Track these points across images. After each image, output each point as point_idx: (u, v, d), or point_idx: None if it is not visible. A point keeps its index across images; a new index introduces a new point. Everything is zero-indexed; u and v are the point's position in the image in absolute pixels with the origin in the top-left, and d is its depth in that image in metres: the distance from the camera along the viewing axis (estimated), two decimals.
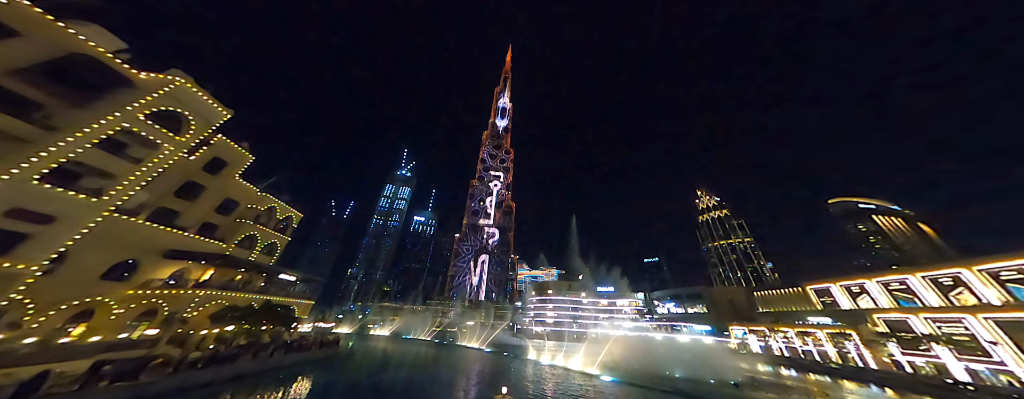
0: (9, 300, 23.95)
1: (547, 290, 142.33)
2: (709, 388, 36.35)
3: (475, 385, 36.50)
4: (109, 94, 27.13)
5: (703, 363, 45.20)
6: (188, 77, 31.34)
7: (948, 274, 50.20)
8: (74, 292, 29.72)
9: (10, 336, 25.73)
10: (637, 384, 37.22)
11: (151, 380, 24.44)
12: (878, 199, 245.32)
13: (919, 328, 50.48)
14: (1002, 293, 44.10)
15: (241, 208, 46.00)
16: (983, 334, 43.34)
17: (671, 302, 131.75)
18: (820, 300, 72.39)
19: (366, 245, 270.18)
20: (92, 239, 27.68)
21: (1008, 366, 40.58)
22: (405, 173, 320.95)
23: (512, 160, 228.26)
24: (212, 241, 41.07)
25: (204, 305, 36.13)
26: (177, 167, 36.26)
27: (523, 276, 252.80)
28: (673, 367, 43.61)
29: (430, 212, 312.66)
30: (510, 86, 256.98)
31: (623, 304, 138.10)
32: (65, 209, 24.85)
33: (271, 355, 36.58)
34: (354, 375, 38.82)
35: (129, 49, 28.28)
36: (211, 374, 28.93)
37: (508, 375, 43.08)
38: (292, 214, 55.23)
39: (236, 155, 43.34)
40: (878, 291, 59.68)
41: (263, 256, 49.40)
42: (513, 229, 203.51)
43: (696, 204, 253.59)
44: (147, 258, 35.08)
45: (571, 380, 39.80)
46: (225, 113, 35.06)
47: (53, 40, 24.10)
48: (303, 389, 30.85)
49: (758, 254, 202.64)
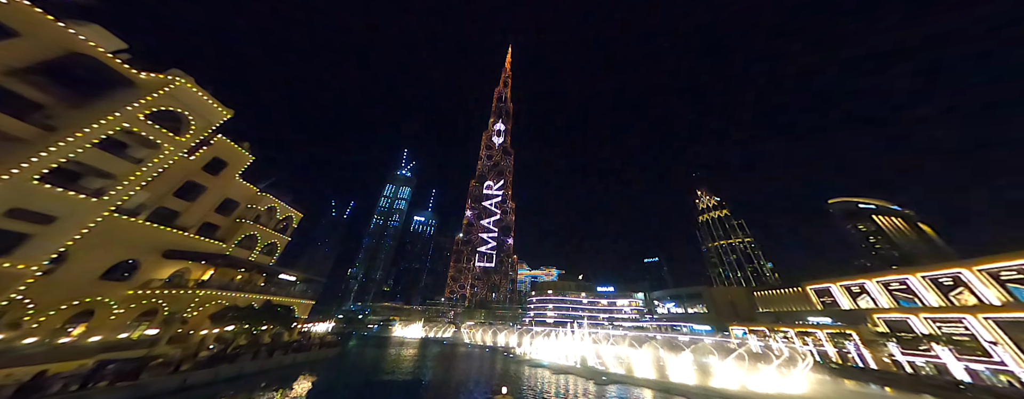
0: (9, 300, 23.93)
1: (547, 290, 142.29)
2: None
3: (475, 385, 36.49)
4: (109, 94, 27.11)
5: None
6: (188, 77, 31.31)
7: (948, 274, 50.16)
8: (74, 292, 29.67)
9: (10, 336, 25.70)
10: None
11: (151, 380, 24.47)
12: (878, 199, 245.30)
13: (919, 328, 50.45)
14: (1002, 293, 44.06)
15: (241, 208, 46.00)
16: (983, 334, 43.33)
17: (671, 302, 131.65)
18: (820, 300, 72.35)
19: (366, 245, 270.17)
20: (92, 239, 27.66)
21: (1008, 366, 40.55)
22: (405, 173, 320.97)
23: (512, 160, 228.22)
24: (212, 241, 41.06)
25: (204, 305, 36.11)
26: (177, 167, 36.26)
27: (523, 276, 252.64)
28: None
29: (430, 212, 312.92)
30: (510, 86, 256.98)
31: (623, 304, 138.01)
32: (65, 209, 24.83)
33: (271, 355, 36.60)
34: (354, 375, 38.84)
35: (129, 49, 28.28)
36: (211, 374, 28.97)
37: (508, 375, 43.09)
38: (292, 214, 55.22)
39: (236, 155, 43.34)
40: (878, 291, 59.65)
41: (263, 256, 49.39)
42: (513, 229, 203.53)
43: (696, 204, 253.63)
44: (147, 258, 35.05)
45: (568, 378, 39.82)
46: (225, 113, 35.04)
47: (53, 40, 24.08)
48: (303, 389, 30.85)
49: (758, 254, 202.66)
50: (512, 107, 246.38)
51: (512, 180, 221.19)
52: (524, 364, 52.89)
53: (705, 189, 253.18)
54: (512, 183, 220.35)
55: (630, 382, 39.33)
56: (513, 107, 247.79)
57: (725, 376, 37.41)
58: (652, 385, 38.11)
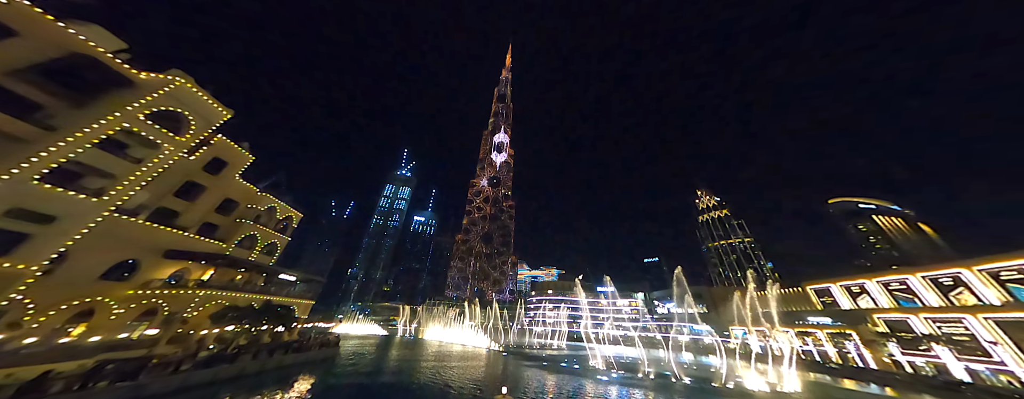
0: (9, 300, 23.91)
1: (547, 290, 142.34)
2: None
3: (475, 384, 36.45)
4: (109, 94, 27.11)
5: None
6: (188, 77, 31.32)
7: (948, 274, 50.19)
8: (74, 292, 29.68)
9: (10, 336, 25.71)
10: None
11: (151, 380, 24.46)
12: (878, 199, 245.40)
13: (919, 328, 50.49)
14: (1002, 293, 44.08)
15: (241, 208, 46.01)
16: (983, 334, 43.36)
17: (671, 302, 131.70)
18: (820, 300, 72.37)
19: (366, 245, 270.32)
20: (92, 239, 27.64)
21: (1008, 366, 40.59)
22: (405, 173, 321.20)
23: (512, 159, 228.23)
24: (212, 241, 41.07)
25: (204, 305, 36.11)
26: (177, 167, 36.28)
27: (523, 276, 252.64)
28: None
29: (430, 212, 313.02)
30: (511, 85, 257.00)
31: (623, 304, 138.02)
32: (65, 209, 24.83)
33: (271, 355, 36.59)
34: (355, 375, 38.84)
35: (129, 49, 28.29)
36: (211, 374, 28.94)
37: (508, 375, 43.09)
38: (292, 214, 55.22)
39: (236, 155, 43.35)
40: (878, 291, 59.67)
41: (263, 256, 49.38)
42: (513, 229, 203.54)
43: (696, 204, 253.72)
44: (147, 258, 35.07)
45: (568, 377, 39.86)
46: (225, 113, 35.05)
47: (53, 40, 24.07)
48: (303, 389, 30.83)
49: (758, 254, 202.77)
50: (512, 106, 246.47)
51: (512, 180, 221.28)
52: (524, 364, 52.87)
53: (705, 189, 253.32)
54: (512, 183, 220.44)
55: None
56: (514, 107, 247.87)
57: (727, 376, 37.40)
58: (652, 384, 38.13)
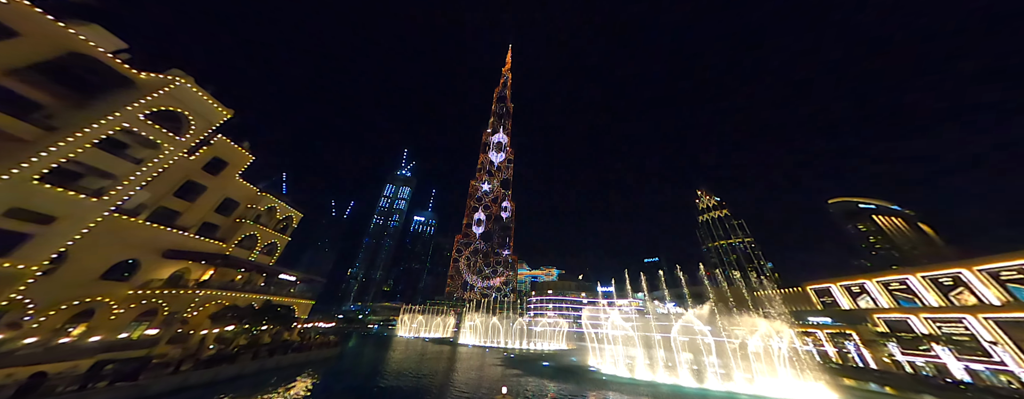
0: (9, 300, 23.93)
1: (547, 290, 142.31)
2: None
3: (475, 384, 36.46)
4: (109, 94, 27.13)
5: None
6: (188, 77, 31.33)
7: (948, 274, 50.12)
8: (74, 292, 29.68)
9: (10, 336, 25.71)
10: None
11: (151, 380, 24.46)
12: (878, 199, 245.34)
13: (919, 328, 50.44)
14: (1002, 293, 44.04)
15: (241, 208, 46.00)
16: (983, 334, 43.33)
17: (671, 302, 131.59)
18: (820, 300, 72.30)
19: (366, 245, 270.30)
20: (92, 239, 27.66)
21: (1008, 366, 40.56)
22: (405, 173, 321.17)
23: (512, 159, 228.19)
24: (212, 241, 41.06)
25: (204, 305, 36.10)
26: (177, 167, 36.31)
27: (523, 276, 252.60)
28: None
29: (430, 212, 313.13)
30: (510, 86, 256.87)
31: (623, 304, 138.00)
32: (65, 209, 24.83)
33: (271, 355, 36.61)
34: (354, 375, 38.84)
35: (129, 49, 28.28)
36: (211, 374, 28.97)
37: (508, 375, 43.06)
38: (292, 214, 55.22)
39: (236, 155, 43.35)
40: (878, 291, 59.62)
41: (263, 256, 49.39)
42: (513, 229, 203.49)
43: (696, 204, 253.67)
44: (147, 258, 35.06)
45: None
46: (225, 113, 35.05)
47: (53, 40, 24.08)
48: (303, 389, 30.83)
49: (758, 254, 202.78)
50: (512, 107, 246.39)
51: (513, 180, 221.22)
52: (524, 363, 52.85)
53: (705, 189, 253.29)
54: (513, 183, 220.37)
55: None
56: (513, 107, 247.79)
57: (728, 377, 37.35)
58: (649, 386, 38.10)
